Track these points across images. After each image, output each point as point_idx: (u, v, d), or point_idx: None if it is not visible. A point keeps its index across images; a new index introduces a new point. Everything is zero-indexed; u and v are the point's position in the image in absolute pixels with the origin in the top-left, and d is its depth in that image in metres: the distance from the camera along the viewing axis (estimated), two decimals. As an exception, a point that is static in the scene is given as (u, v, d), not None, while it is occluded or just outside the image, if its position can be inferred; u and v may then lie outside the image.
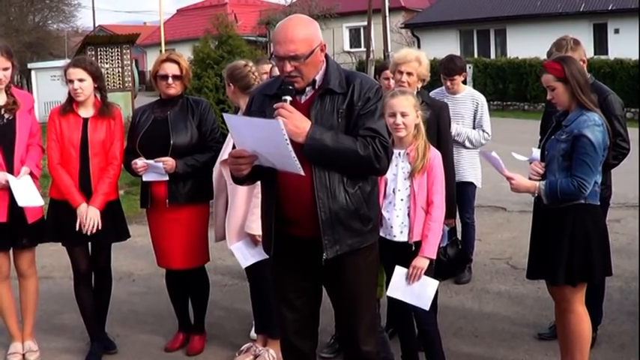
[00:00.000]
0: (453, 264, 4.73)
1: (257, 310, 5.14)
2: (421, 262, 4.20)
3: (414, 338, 4.57)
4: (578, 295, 4.18)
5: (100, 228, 4.89)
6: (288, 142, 3.12)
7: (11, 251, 5.08)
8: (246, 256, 4.72)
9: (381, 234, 4.17)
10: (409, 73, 4.96)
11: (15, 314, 5.22)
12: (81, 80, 4.91)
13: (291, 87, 3.36)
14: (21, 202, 4.78)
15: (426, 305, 4.27)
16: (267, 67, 6.15)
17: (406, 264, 4.22)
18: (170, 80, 5.01)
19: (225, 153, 4.63)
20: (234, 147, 3.46)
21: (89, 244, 5.12)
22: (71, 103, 4.99)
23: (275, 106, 3.29)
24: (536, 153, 5.01)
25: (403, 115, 4.20)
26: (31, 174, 4.93)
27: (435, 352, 4.50)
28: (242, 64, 5.02)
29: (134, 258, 7.75)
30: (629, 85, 21.05)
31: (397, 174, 4.24)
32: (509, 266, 7.09)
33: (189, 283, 5.32)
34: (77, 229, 4.84)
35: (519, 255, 7.13)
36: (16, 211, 4.83)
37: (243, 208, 4.72)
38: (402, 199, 4.23)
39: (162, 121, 5.03)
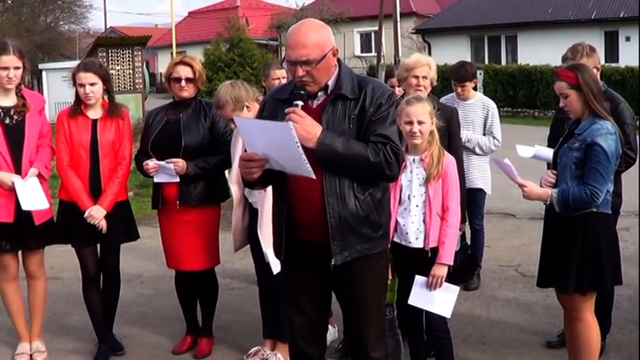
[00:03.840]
0: (461, 270, 4.71)
1: (266, 314, 5.14)
2: (440, 270, 4.19)
3: (423, 344, 4.55)
4: (587, 304, 4.16)
5: (107, 229, 4.90)
6: (299, 144, 3.11)
7: (20, 252, 5.09)
8: None
9: (397, 240, 4.19)
10: (424, 77, 4.98)
11: (23, 315, 5.23)
12: (92, 84, 4.92)
13: (302, 92, 3.36)
14: (25, 205, 4.77)
15: (447, 312, 4.27)
16: (279, 73, 6.13)
17: (422, 270, 4.21)
18: (183, 83, 5.04)
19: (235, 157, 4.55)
20: (245, 150, 3.46)
21: (98, 245, 5.13)
22: (80, 105, 5.01)
23: (286, 110, 3.28)
24: (540, 151, 4.99)
25: (420, 123, 4.19)
26: (40, 175, 4.93)
27: (447, 358, 4.50)
28: None
29: (143, 260, 7.75)
30: (640, 93, 20.94)
31: (412, 180, 4.23)
32: (518, 273, 7.06)
33: (198, 286, 5.32)
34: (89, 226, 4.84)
35: (528, 262, 7.10)
36: (23, 212, 4.82)
37: None
38: (417, 205, 4.22)
39: (174, 123, 5.06)
